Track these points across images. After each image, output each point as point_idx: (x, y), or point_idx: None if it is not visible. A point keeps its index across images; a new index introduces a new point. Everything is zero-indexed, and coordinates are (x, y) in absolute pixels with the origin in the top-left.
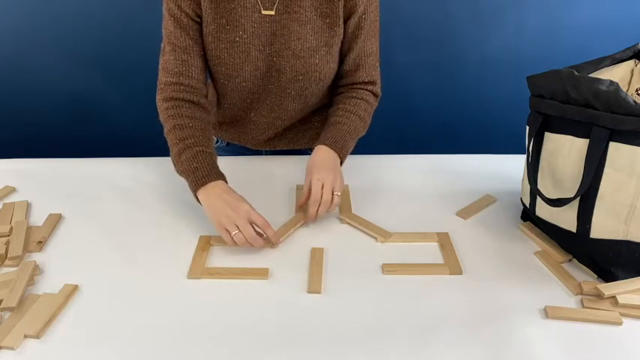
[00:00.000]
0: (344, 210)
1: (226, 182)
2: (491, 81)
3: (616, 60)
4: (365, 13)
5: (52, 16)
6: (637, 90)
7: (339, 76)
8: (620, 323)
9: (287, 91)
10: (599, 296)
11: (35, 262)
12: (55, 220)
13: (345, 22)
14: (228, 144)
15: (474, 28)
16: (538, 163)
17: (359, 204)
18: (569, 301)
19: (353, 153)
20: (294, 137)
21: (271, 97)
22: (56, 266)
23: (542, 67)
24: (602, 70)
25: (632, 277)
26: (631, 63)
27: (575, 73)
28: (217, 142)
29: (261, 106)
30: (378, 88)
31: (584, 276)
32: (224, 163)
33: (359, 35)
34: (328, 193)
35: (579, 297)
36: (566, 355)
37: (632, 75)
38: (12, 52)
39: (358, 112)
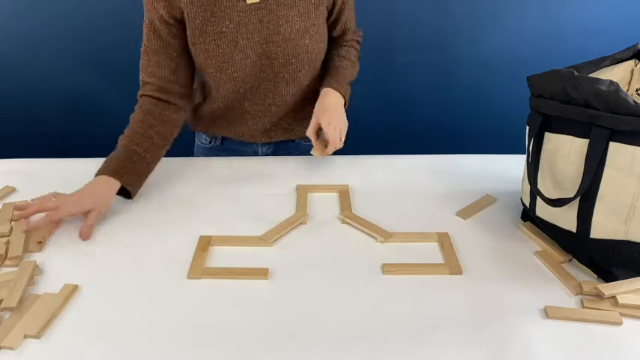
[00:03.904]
0: (344, 210)
1: (117, 178)
2: (491, 81)
3: (616, 60)
4: None
5: (53, 16)
6: (637, 90)
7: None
8: (620, 323)
9: (280, 75)
10: (599, 296)
11: (35, 262)
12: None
13: (334, 3)
14: (222, 142)
15: (474, 29)
16: (538, 163)
17: (359, 204)
18: (569, 301)
19: (353, 153)
20: (288, 127)
21: (264, 84)
22: (56, 266)
23: (543, 67)
24: (602, 70)
25: (632, 277)
26: (631, 63)
27: (575, 73)
28: (211, 141)
29: (255, 94)
30: (360, 36)
31: (584, 276)
32: (225, 163)
33: (344, 9)
34: (340, 139)
35: (579, 297)
36: (566, 355)
37: (632, 75)
38: (12, 53)
39: (351, 57)
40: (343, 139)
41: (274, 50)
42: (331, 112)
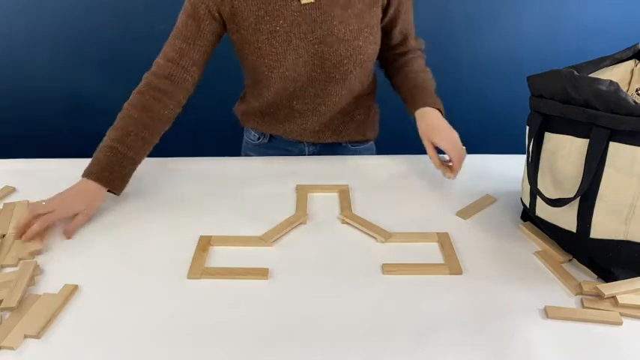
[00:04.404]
0: (344, 210)
1: (105, 185)
2: (491, 81)
3: (616, 60)
4: None
5: (52, 12)
6: (637, 90)
7: (386, 48)
8: (620, 323)
9: (331, 75)
10: (599, 296)
11: (36, 262)
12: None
13: (387, 2)
14: (270, 139)
15: (474, 29)
16: (538, 163)
17: (359, 204)
18: (569, 301)
19: (353, 153)
20: (337, 129)
21: (315, 84)
22: (56, 266)
23: (543, 67)
24: (602, 70)
25: (632, 277)
26: (631, 63)
27: (575, 73)
28: (259, 138)
29: (304, 93)
30: (423, 45)
31: (584, 276)
32: (225, 164)
33: (401, 10)
34: (460, 149)
35: (579, 297)
36: (566, 355)
37: (632, 75)
38: (11, 52)
39: (424, 68)
40: (464, 147)
41: (327, 51)
42: (439, 129)
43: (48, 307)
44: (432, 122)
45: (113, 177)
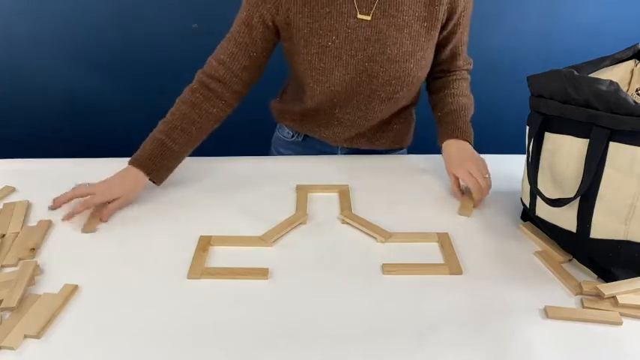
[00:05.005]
0: (344, 210)
1: (146, 173)
2: (491, 81)
3: (616, 60)
4: (464, 10)
5: (53, 15)
6: (637, 90)
7: (433, 63)
8: (620, 323)
9: (377, 93)
10: (599, 296)
11: (36, 261)
12: (46, 226)
13: (445, 23)
14: (305, 138)
15: (473, 28)
16: (538, 163)
17: (359, 204)
18: (569, 301)
19: (353, 153)
20: (372, 137)
21: (359, 97)
22: (56, 266)
23: (542, 67)
24: (602, 70)
25: (632, 277)
26: (631, 63)
27: (575, 73)
28: (293, 135)
29: (347, 105)
30: (471, 65)
31: (584, 276)
32: (225, 163)
33: (457, 30)
34: (482, 178)
35: (579, 297)
36: (566, 355)
37: (632, 75)
38: (12, 52)
39: (464, 92)
40: (487, 175)
41: (376, 69)
42: (456, 159)
43: (48, 307)
44: (451, 155)
45: (155, 166)
